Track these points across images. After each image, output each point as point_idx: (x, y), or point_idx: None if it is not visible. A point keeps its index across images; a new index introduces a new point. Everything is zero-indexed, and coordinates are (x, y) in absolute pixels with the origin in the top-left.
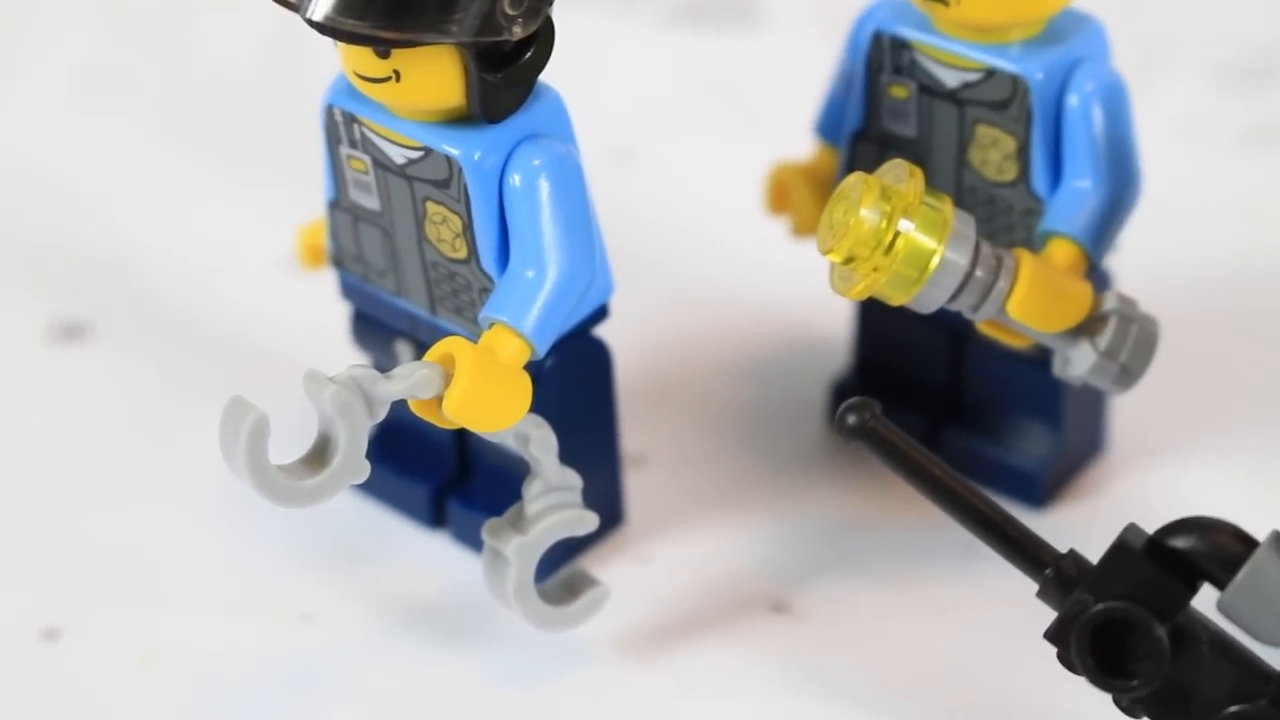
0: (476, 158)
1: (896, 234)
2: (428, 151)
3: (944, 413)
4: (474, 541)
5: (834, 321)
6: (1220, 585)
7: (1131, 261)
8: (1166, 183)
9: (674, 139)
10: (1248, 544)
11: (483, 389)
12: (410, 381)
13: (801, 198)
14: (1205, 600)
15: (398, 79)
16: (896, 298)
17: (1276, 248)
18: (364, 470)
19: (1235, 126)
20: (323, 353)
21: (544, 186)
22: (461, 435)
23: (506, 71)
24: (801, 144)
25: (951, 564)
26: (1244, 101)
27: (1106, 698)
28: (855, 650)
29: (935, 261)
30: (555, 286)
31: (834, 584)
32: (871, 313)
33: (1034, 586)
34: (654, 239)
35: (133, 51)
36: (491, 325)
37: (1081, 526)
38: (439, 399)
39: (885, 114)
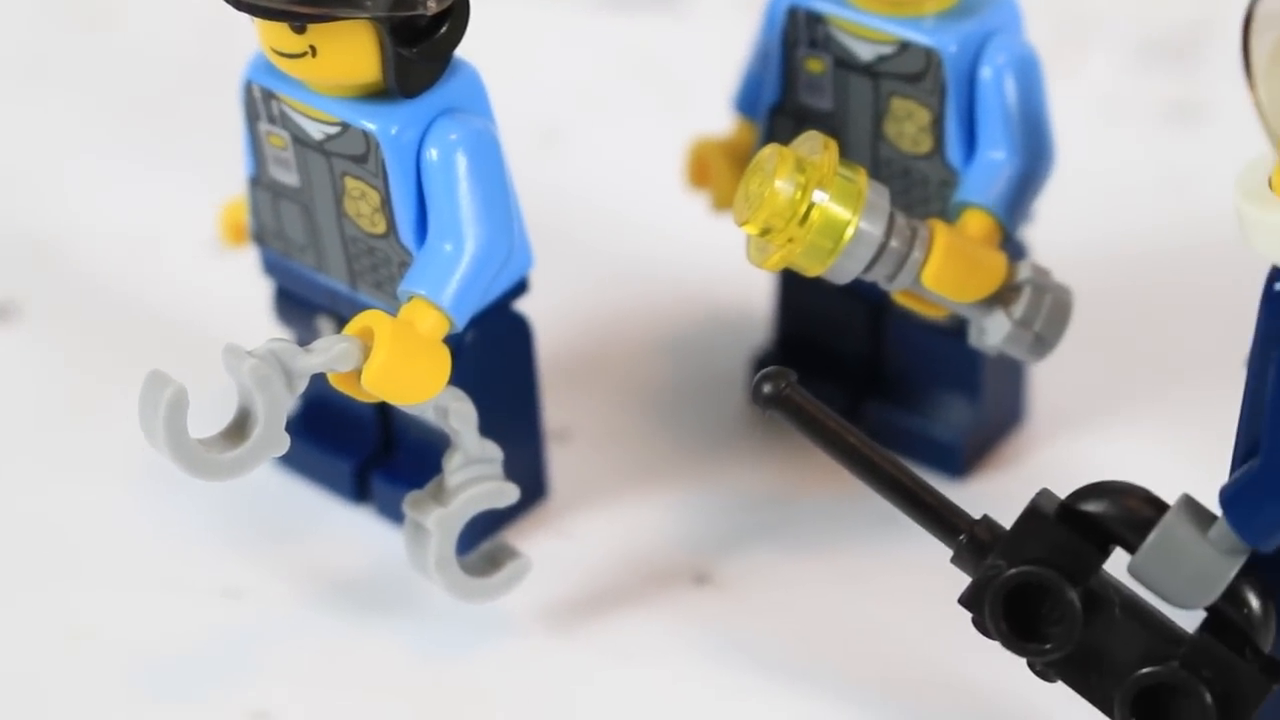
0: (393, 132)
1: (811, 205)
2: (345, 127)
3: (865, 385)
4: (398, 516)
5: (756, 297)
6: (1131, 549)
7: (1051, 235)
8: (1088, 157)
9: (600, 119)
10: (1158, 508)
11: (401, 361)
12: (329, 355)
13: (721, 172)
14: (1117, 564)
15: (314, 54)
16: (812, 268)
17: (1193, 222)
18: (283, 443)
19: (1157, 103)
20: (248, 330)
21: (461, 161)
22: (384, 410)
23: (422, 46)
24: (727, 124)
25: (871, 534)
26: (1167, 78)
27: (1021, 662)
28: (777, 620)
29: (850, 232)
30: (473, 260)
31: (756, 555)
32: (791, 287)
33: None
34: (580, 217)
35: (60, 31)
36: (410, 299)
37: (1001, 495)
38: (358, 372)
39: (802, 88)
